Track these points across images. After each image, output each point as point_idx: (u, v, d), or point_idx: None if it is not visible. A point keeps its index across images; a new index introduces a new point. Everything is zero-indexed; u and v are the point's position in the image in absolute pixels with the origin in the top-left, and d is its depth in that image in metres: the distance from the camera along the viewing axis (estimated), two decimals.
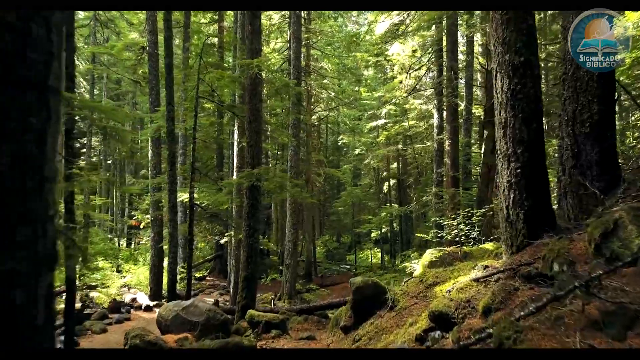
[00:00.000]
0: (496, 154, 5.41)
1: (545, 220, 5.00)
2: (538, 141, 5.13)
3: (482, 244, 12.68)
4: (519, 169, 5.03)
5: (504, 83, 5.21)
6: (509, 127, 5.13)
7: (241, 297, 9.27)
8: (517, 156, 5.06)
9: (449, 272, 6.31)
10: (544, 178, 5.14)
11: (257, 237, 9.53)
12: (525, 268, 4.42)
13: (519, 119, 5.08)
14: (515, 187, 5.05)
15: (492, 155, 15.01)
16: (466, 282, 4.88)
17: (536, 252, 4.68)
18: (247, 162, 9.62)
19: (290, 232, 16.12)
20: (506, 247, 5.18)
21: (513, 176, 5.08)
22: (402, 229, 26.42)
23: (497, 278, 4.65)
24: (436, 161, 15.48)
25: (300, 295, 17.08)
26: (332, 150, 37.29)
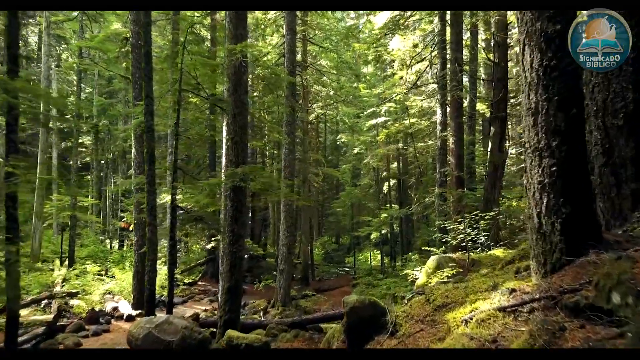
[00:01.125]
0: (524, 147, 4.28)
1: (588, 232, 3.88)
2: (578, 131, 4.01)
3: (490, 249, 11.55)
4: (554, 167, 3.92)
5: (534, 58, 4.09)
6: (541, 113, 4.02)
7: (223, 311, 8.15)
8: (551, 150, 3.94)
9: (461, 290, 5.19)
10: (585, 178, 4.02)
11: (242, 243, 8.42)
12: (570, 297, 3.30)
13: (553, 103, 3.96)
14: (550, 189, 3.94)
15: (499, 154, 13.89)
16: (489, 312, 3.76)
17: (581, 274, 3.56)
18: (230, 161, 8.51)
19: (285, 236, 15.00)
20: (537, 264, 4.05)
21: (546, 176, 3.96)
22: (403, 231, 25.29)
23: (530, 308, 3.54)
24: (439, 160, 14.35)
25: (295, 301, 15.96)
26: (331, 150, 36.18)
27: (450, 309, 4.76)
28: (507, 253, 10.32)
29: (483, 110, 20.34)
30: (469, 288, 5.17)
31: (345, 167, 29.74)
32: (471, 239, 10.01)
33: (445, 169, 13.97)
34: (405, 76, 18.93)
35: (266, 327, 9.51)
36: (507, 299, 3.90)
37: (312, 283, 21.21)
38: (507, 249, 10.77)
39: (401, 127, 20.23)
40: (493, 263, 9.76)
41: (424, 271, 10.93)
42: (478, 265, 10.07)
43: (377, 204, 26.24)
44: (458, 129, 13.81)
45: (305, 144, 20.83)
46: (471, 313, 4.00)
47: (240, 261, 8.35)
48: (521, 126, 4.32)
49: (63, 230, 20.17)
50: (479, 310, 3.94)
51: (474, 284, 5.30)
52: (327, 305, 16.32)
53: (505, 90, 13.63)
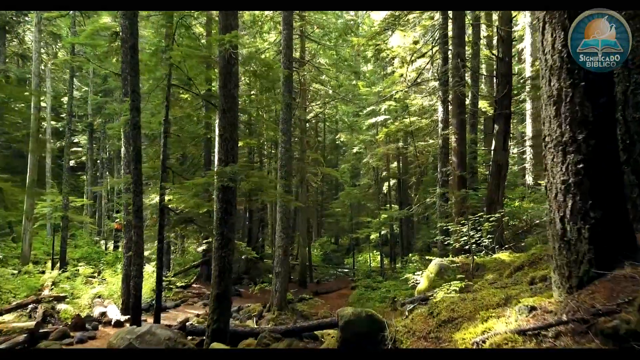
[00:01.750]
0: (543, 141, 3.70)
1: (621, 240, 3.31)
2: (608, 122, 3.44)
3: (494, 252, 10.95)
4: (580, 164, 3.33)
5: (557, 37, 3.51)
6: (565, 102, 3.43)
7: (211, 320, 7.56)
8: (577, 145, 3.36)
9: (468, 303, 4.60)
10: (617, 176, 3.44)
11: (232, 247, 7.84)
12: (606, 321, 2.71)
13: (579, 90, 3.38)
14: (575, 190, 3.35)
15: (503, 152, 13.29)
16: (506, 335, 3.16)
17: (616, 292, 2.98)
18: (220, 159, 7.93)
19: (280, 238, 14.41)
20: (560, 277, 3.46)
21: (571, 174, 3.37)
22: (403, 232, 24.70)
23: (556, 332, 2.95)
24: (441, 159, 13.77)
25: (291, 305, 15.38)
26: (330, 149, 35.58)
27: (458, 326, 4.16)
28: (513, 257, 9.73)
29: (485, 109, 19.76)
30: (477, 301, 4.57)
31: (344, 167, 29.14)
32: (475, 242, 9.43)
33: (447, 168, 13.39)
34: (406, 74, 18.34)
35: (258, 335, 8.92)
36: (526, 319, 3.31)
37: (310, 285, 20.64)
38: (513, 253, 10.20)
39: (401, 126, 19.64)
40: (499, 268, 9.17)
41: (425, 275, 10.34)
42: (483, 269, 9.48)
43: (377, 204, 25.67)
44: (460, 126, 13.22)
45: (303, 143, 20.24)
46: (484, 335, 3.40)
47: (229, 266, 7.77)
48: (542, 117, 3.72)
49: (55, 232, 19.59)
50: (493, 332, 3.35)
51: (483, 295, 4.70)
52: (324, 310, 15.72)
53: (509, 87, 13.03)
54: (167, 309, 14.18)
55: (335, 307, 17.06)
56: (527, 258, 6.81)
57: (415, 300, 8.74)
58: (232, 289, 18.76)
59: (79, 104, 28.81)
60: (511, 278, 6.46)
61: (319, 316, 14.77)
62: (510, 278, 6.55)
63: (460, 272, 9.35)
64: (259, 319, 13.52)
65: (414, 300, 8.79)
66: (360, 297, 17.32)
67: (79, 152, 28.53)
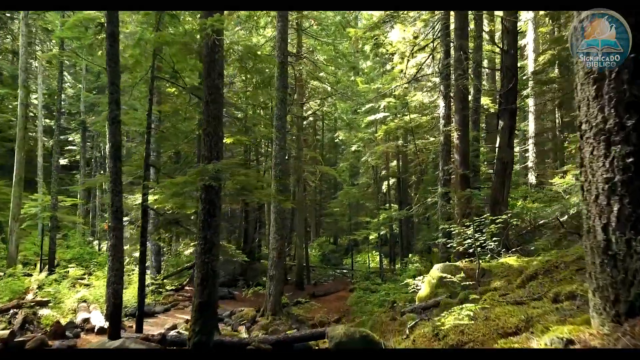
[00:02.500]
0: (578, 129, 2.96)
1: None
2: None
3: (500, 256, 10.21)
4: (629, 157, 2.59)
5: None
6: (609, 79, 2.70)
7: (193, 332, 6.83)
8: (625, 133, 2.62)
9: (480, 324, 3.86)
10: None
11: (216, 253, 7.10)
12: None
13: (628, 64, 2.64)
14: (623, 190, 2.61)
15: (508, 150, 12.54)
16: None
17: None
18: (202, 156, 7.19)
19: (275, 239, 13.68)
20: (603, 302, 2.72)
21: (618, 170, 2.63)
22: (403, 232, 23.94)
23: None
24: (443, 157, 13.02)
25: (286, 309, 14.64)
26: (329, 148, 34.84)
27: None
28: (522, 262, 8.99)
29: (487, 105, 19.03)
30: (491, 321, 3.84)
31: (343, 166, 28.33)
32: (480, 245, 8.67)
33: (449, 166, 12.65)
34: (405, 69, 17.57)
35: (247, 346, 8.19)
36: None
37: (307, 287, 19.90)
38: (521, 257, 9.46)
39: (401, 123, 18.88)
40: (507, 274, 8.42)
41: (427, 281, 9.61)
42: (489, 275, 8.74)
43: (376, 204, 24.91)
44: (463, 122, 12.47)
45: (300, 141, 19.50)
46: None
47: (213, 273, 7.04)
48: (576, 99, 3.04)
49: (43, 232, 18.86)
50: None
51: (498, 314, 3.97)
52: (321, 314, 14.99)
53: (515, 80, 12.30)
54: (155, 313, 13.44)
55: (333, 310, 16.35)
56: (541, 265, 6.08)
57: (416, 310, 8.01)
58: (226, 292, 18.07)
59: (72, 101, 28.07)
60: (524, 289, 5.73)
61: (315, 321, 14.04)
62: (523, 288, 5.82)
63: (464, 278, 8.62)
64: (252, 325, 12.79)
65: (415, 309, 8.05)
66: (358, 301, 16.59)
67: (73, 151, 27.77)
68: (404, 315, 7.92)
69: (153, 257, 16.50)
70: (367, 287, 17.85)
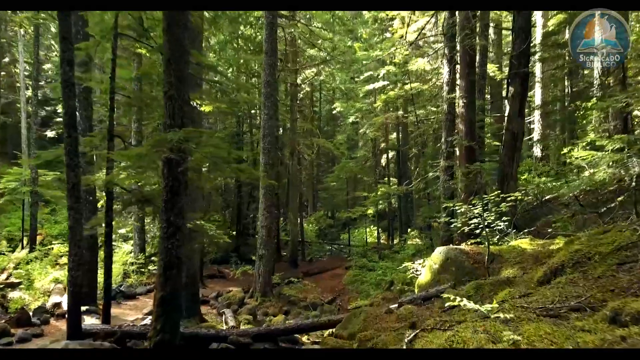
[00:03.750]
0: None
1: None
2: None
3: (511, 238, 9.10)
4: None
5: None
6: None
7: (154, 331, 5.77)
8: None
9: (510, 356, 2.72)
10: None
11: (182, 238, 5.97)
12: None
13: None
14: None
15: (519, 119, 11.23)
16: None
17: None
18: (164, 124, 5.98)
19: (264, 216, 12.60)
20: None
21: None
22: (402, 206, 22.85)
23: None
24: (446, 127, 11.77)
25: (278, 289, 13.69)
26: (327, 120, 33.46)
27: None
28: (536, 245, 7.88)
29: (493, 73, 17.62)
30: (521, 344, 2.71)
31: (340, 138, 27.00)
32: (487, 226, 7.52)
33: (453, 137, 11.41)
34: (406, 35, 16.08)
35: (225, 339, 7.17)
36: None
37: (302, 264, 18.96)
38: (534, 239, 8.36)
39: (401, 92, 17.50)
40: (520, 260, 7.30)
41: (428, 266, 8.52)
42: (498, 261, 7.62)
43: (374, 178, 23.75)
44: (469, 88, 11.18)
45: (294, 112, 18.16)
46: None
47: (178, 261, 5.92)
48: None
49: (24, 207, 17.80)
50: None
51: (530, 336, 2.82)
52: (314, 294, 14.05)
53: (528, 42, 10.92)
54: (137, 295, 12.49)
55: (328, 290, 15.41)
56: (568, 255, 4.93)
57: (415, 300, 6.94)
58: (215, 270, 17.14)
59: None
60: (549, 286, 4.61)
61: (307, 302, 13.10)
62: (548, 285, 4.70)
63: (471, 263, 7.52)
64: (239, 308, 11.83)
65: (415, 299, 6.98)
66: (354, 280, 15.67)
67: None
68: (401, 307, 6.86)
69: (136, 235, 15.47)
70: (363, 265, 16.90)
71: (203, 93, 9.12)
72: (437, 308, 6.44)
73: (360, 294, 14.09)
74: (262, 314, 11.83)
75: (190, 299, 10.01)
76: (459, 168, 11.37)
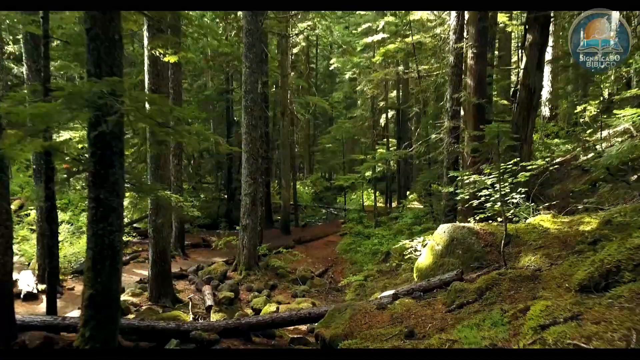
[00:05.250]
0: None
1: None
2: None
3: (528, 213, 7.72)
4: None
5: None
6: None
7: (82, 339, 4.49)
8: None
9: None
10: None
11: (116, 221, 4.59)
12: None
13: None
14: None
15: (537, 73, 9.62)
16: None
17: None
18: (87, 71, 4.46)
19: (247, 184, 11.22)
20: None
21: None
22: (400, 169, 21.44)
23: None
24: (452, 82, 10.15)
25: (265, 261, 12.48)
26: (324, 78, 31.44)
27: None
28: (561, 224, 6.50)
29: (503, 23, 15.73)
30: None
31: (336, 96, 25.16)
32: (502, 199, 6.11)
33: (460, 94, 9.82)
34: None
35: (188, 334, 5.94)
36: None
37: (294, 231, 17.76)
38: (557, 215, 6.99)
39: (402, 45, 15.66)
40: (543, 243, 5.92)
41: (430, 247, 7.19)
42: (515, 243, 6.26)
43: (373, 139, 22.19)
44: (480, 36, 9.49)
45: (285, 66, 16.37)
46: None
47: (112, 251, 4.57)
48: None
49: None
50: None
51: None
52: (305, 265, 12.88)
53: None
54: None
55: (320, 260, 14.26)
56: (626, 254, 3.54)
57: (414, 292, 5.64)
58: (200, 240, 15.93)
59: None
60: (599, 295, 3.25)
61: (297, 275, 11.93)
62: (597, 295, 3.34)
63: (481, 246, 6.17)
64: (221, 283, 10.63)
65: (413, 290, 5.67)
66: (348, 248, 14.48)
67: None
68: (396, 300, 5.58)
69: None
70: (359, 232, 15.69)
71: (163, 40, 7.47)
72: (441, 305, 5.16)
73: (354, 264, 12.93)
74: (246, 290, 10.67)
75: (161, 278, 8.79)
76: (465, 129, 9.87)
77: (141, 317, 6.71)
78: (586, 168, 10.40)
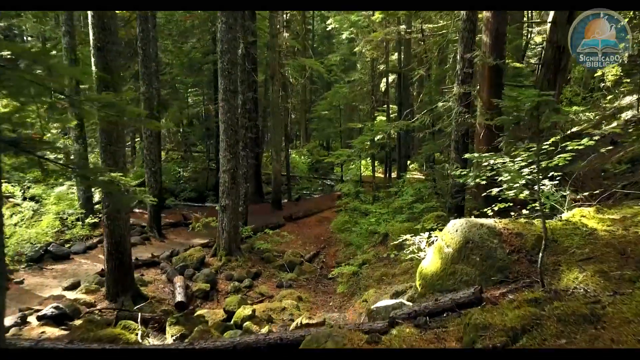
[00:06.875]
0: None
1: None
2: None
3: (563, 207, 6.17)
4: None
5: None
6: None
7: None
8: None
9: None
10: None
11: None
12: None
13: None
14: None
15: (568, 27, 7.93)
16: None
17: None
18: None
19: (226, 159, 9.69)
20: None
21: None
22: (401, 138, 19.78)
23: None
24: (464, 40, 8.36)
25: (249, 243, 11.11)
26: (321, 39, 29.24)
27: None
28: (609, 221, 5.00)
29: None
30: None
31: (332, 58, 23.13)
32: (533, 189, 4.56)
33: (474, 54, 8.08)
34: None
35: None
36: None
37: (286, 205, 16.36)
38: (602, 210, 5.48)
39: None
40: (592, 252, 4.39)
41: (437, 248, 5.66)
42: (552, 250, 4.70)
43: (372, 106, 20.40)
44: None
45: (274, 24, 14.45)
46: None
47: None
48: None
49: None
50: None
51: None
52: (294, 247, 11.53)
53: None
54: (70, 255, 9.90)
55: (312, 241, 12.90)
56: None
57: (417, 316, 4.21)
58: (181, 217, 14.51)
59: None
60: None
61: (284, 260, 10.58)
62: None
63: (505, 253, 4.70)
64: (196, 272, 9.29)
65: (416, 314, 4.24)
66: (343, 227, 13.10)
67: None
68: (394, 327, 4.18)
69: None
70: (355, 209, 14.28)
71: None
72: (455, 342, 3.73)
73: (349, 246, 11.58)
74: (225, 278, 9.34)
75: (119, 273, 7.42)
76: (478, 96, 8.22)
77: (70, 340, 5.28)
78: (617, 140, 8.83)
